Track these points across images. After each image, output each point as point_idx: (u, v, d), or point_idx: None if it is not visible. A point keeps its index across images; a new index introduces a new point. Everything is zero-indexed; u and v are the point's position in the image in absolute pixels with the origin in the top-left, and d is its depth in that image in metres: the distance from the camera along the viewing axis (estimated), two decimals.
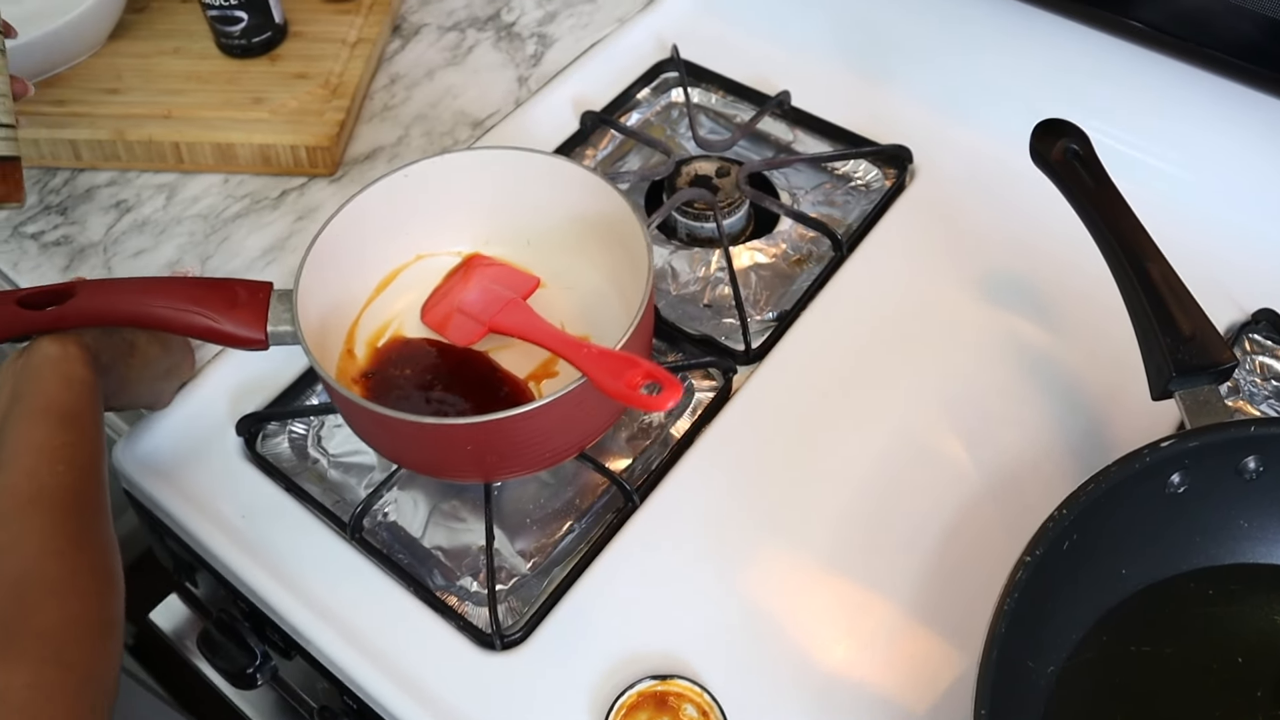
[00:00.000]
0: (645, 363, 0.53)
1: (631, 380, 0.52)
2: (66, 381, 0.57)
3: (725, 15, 0.93)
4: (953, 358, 0.72)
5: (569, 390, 0.56)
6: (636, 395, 0.51)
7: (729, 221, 0.79)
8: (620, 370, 0.53)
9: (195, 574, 0.76)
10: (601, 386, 0.53)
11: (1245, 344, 0.71)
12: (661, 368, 0.52)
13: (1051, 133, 0.65)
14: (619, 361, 0.54)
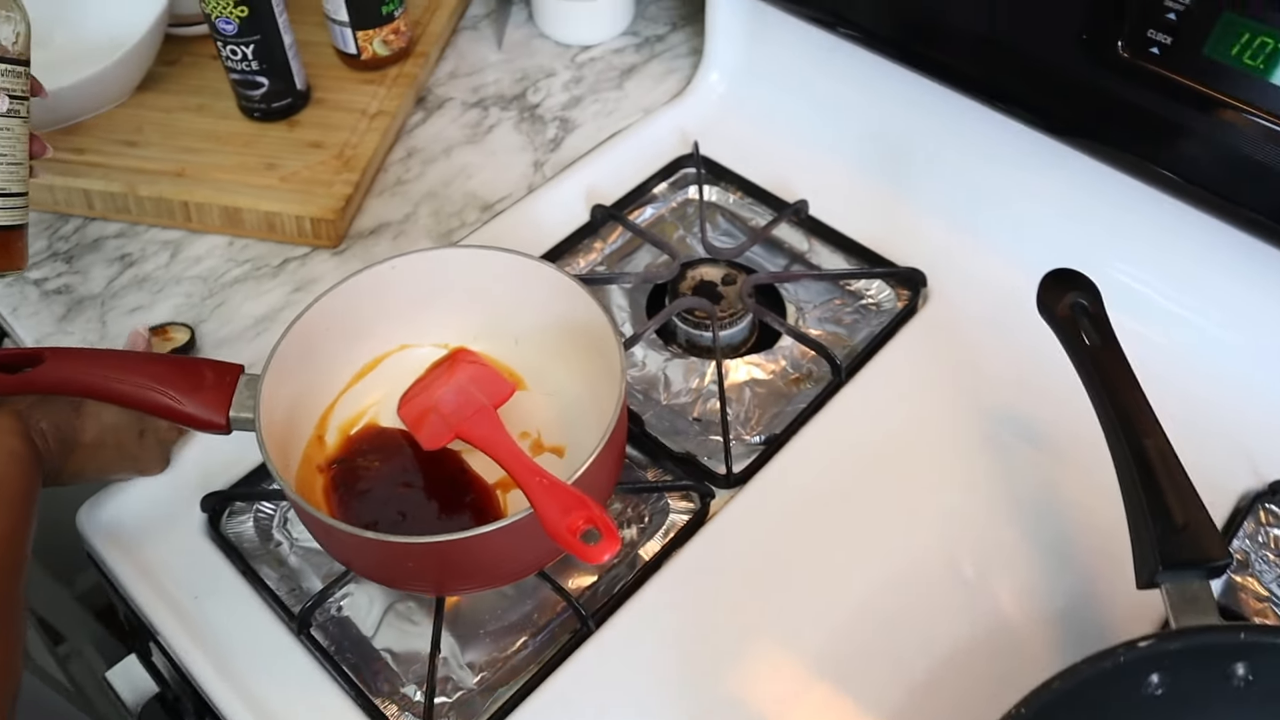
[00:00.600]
0: (593, 507, 0.50)
1: (574, 523, 0.50)
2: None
3: (751, 116, 0.92)
4: (948, 495, 0.68)
5: (520, 518, 0.54)
6: (574, 540, 0.49)
7: (727, 333, 0.77)
8: (566, 508, 0.51)
9: (147, 642, 0.74)
10: (545, 521, 0.51)
11: (1260, 515, 0.67)
12: (607, 517, 0.49)
13: (1060, 284, 0.62)
14: (568, 499, 0.51)
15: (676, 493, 0.69)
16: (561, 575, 0.65)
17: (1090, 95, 0.67)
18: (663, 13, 1.03)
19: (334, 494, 0.65)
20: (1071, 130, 0.70)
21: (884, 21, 0.77)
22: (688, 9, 1.03)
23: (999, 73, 0.72)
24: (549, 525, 0.51)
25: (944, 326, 0.77)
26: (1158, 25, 0.63)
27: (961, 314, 0.78)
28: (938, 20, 0.73)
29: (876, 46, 0.78)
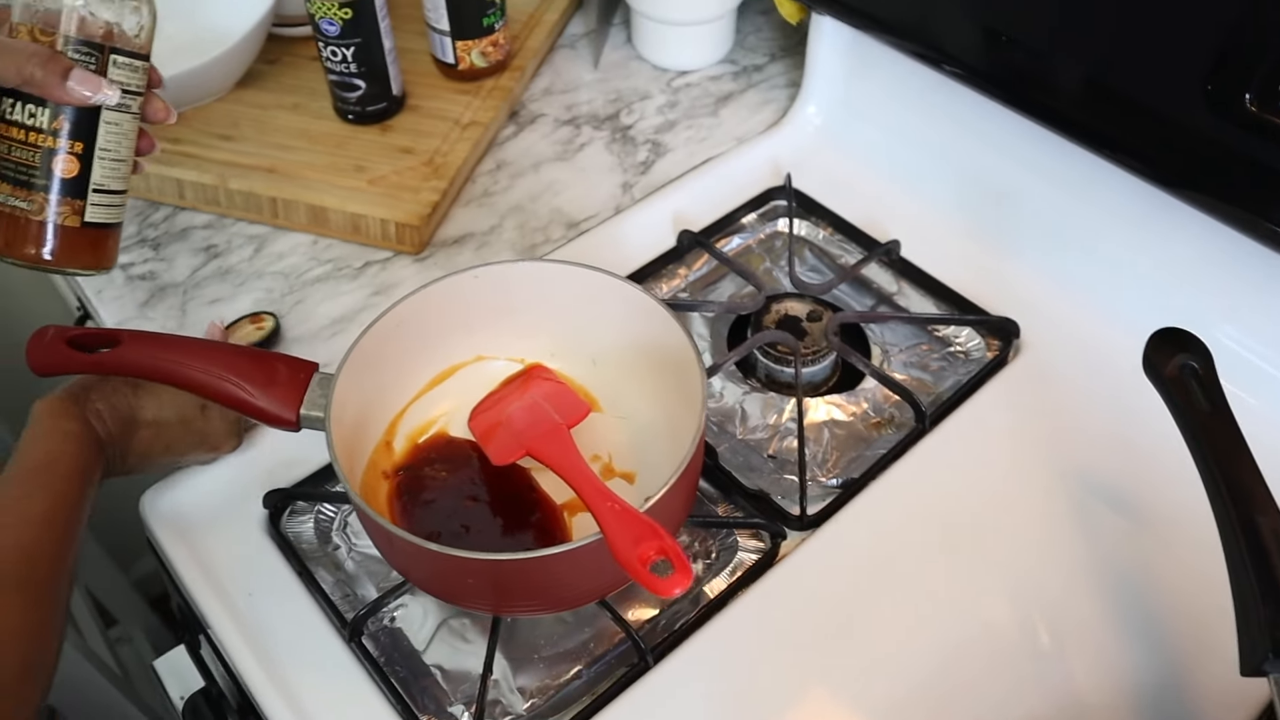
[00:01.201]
0: (666, 537, 0.48)
1: (645, 553, 0.47)
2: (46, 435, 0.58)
3: (846, 151, 0.90)
4: (1028, 559, 0.65)
5: (588, 542, 0.52)
6: (644, 571, 0.47)
7: (809, 370, 0.75)
8: (640, 537, 0.48)
9: (198, 635, 0.73)
10: (614, 548, 0.49)
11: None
12: (679, 549, 0.47)
13: (1170, 343, 0.59)
14: (640, 527, 0.49)
15: (747, 530, 0.66)
16: (622, 605, 0.63)
17: (1210, 147, 0.64)
18: (762, 43, 1.02)
19: (398, 501, 0.64)
20: (1185, 183, 0.67)
21: (990, 60, 0.74)
22: (788, 41, 1.02)
23: (1110, 119, 0.69)
24: (619, 553, 0.49)
25: (1035, 381, 0.74)
26: None
27: (1054, 370, 0.75)
28: (1048, 61, 0.71)
29: (981, 86, 0.76)
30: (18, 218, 0.57)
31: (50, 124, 0.56)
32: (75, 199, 0.58)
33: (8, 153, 0.57)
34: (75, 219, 0.58)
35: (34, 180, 0.57)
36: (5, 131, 0.56)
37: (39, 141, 0.56)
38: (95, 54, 0.56)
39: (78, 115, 0.57)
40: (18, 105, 0.56)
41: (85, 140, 0.57)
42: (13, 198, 0.57)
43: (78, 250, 0.59)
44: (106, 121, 0.58)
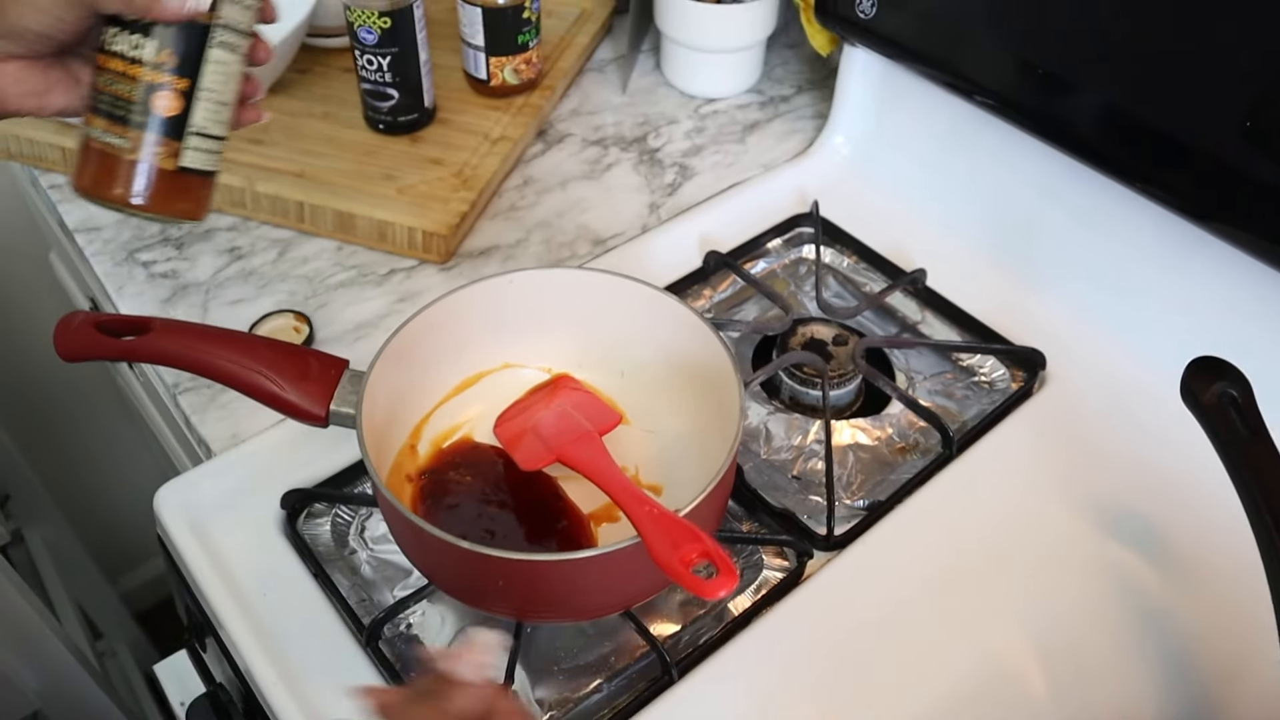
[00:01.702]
0: (708, 540, 0.47)
1: (687, 555, 0.47)
2: None
3: (872, 181, 0.90)
4: (1054, 590, 0.64)
5: (623, 546, 0.51)
6: (687, 574, 0.46)
7: (836, 393, 0.74)
8: (679, 541, 0.48)
9: (205, 639, 0.72)
10: (654, 553, 0.48)
11: None
12: (724, 552, 0.46)
13: (1208, 371, 0.59)
14: (680, 531, 0.48)
15: (773, 549, 0.66)
16: (645, 619, 0.62)
17: (1246, 183, 0.65)
18: (789, 75, 1.03)
19: (421, 505, 0.63)
20: (1219, 217, 0.67)
21: (1023, 91, 0.75)
22: (814, 75, 1.03)
23: (1144, 152, 0.69)
24: (660, 557, 0.48)
25: (1061, 413, 0.74)
26: None
27: (1081, 402, 0.74)
28: (1081, 93, 0.71)
29: (1012, 117, 0.76)
30: (110, 155, 0.53)
31: (155, 56, 0.52)
32: (173, 139, 0.54)
33: (106, 85, 0.53)
34: (171, 161, 0.54)
35: (131, 116, 0.53)
36: (105, 63, 0.53)
37: (140, 75, 0.52)
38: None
39: (184, 49, 0.53)
40: (121, 35, 0.52)
41: (190, 77, 0.53)
42: (108, 133, 0.53)
43: (171, 196, 0.55)
44: (213, 60, 0.54)
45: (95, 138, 0.54)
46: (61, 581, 1.31)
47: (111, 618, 1.47)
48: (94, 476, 1.48)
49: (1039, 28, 0.73)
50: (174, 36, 0.52)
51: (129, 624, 1.52)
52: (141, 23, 0.52)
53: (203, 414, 0.72)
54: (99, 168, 0.54)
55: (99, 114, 0.53)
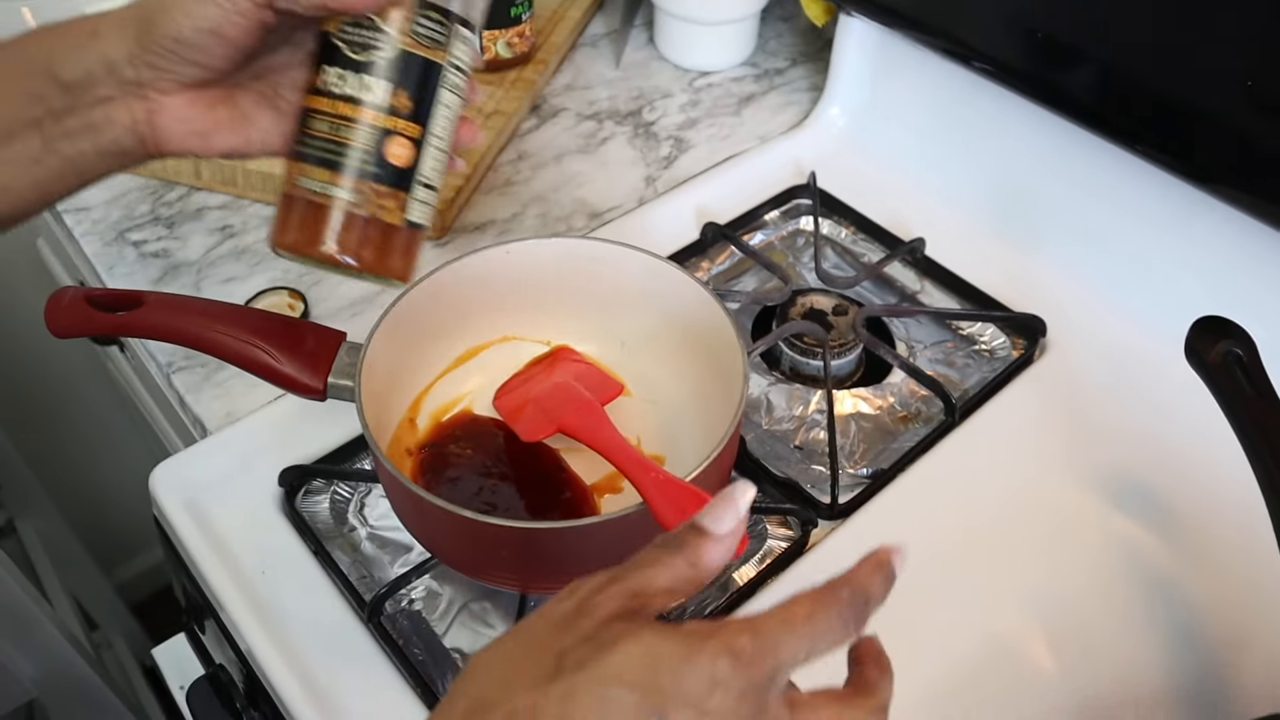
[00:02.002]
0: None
1: None
2: None
3: (869, 152, 0.90)
4: (1058, 558, 0.64)
5: (629, 513, 0.50)
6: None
7: (838, 363, 0.74)
8: (686, 505, 0.47)
9: (204, 620, 0.71)
10: (660, 518, 0.47)
11: None
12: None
13: (1212, 331, 0.58)
14: (686, 495, 0.48)
15: (776, 518, 0.65)
16: None
17: (1248, 144, 0.64)
18: (784, 48, 1.02)
19: (421, 478, 0.62)
20: (1220, 178, 0.67)
21: (1022, 56, 0.74)
22: (809, 47, 1.02)
23: (1143, 114, 0.69)
24: (666, 523, 0.47)
25: (1062, 380, 0.74)
26: None
27: (1082, 369, 0.74)
28: (1081, 56, 0.71)
29: (1011, 82, 0.76)
30: (327, 208, 0.48)
31: (387, 99, 0.47)
32: (401, 190, 0.49)
33: (326, 131, 0.48)
34: (398, 215, 0.49)
35: (357, 165, 0.48)
36: (323, 105, 0.48)
37: (370, 119, 0.47)
38: (442, 22, 0.48)
39: (419, 91, 0.48)
40: (349, 77, 0.47)
41: (422, 122, 0.48)
42: (327, 185, 0.48)
43: (391, 253, 0.50)
44: (443, 103, 0.49)
45: (308, 189, 0.48)
46: (56, 573, 1.30)
47: (107, 609, 1.46)
48: (87, 467, 1.47)
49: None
50: (408, 77, 0.47)
51: (125, 615, 1.51)
52: (368, 62, 0.47)
53: (197, 393, 0.71)
54: (312, 222, 0.48)
55: (313, 162, 0.48)
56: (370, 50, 0.47)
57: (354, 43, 0.47)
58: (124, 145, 0.48)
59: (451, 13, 0.48)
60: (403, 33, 0.47)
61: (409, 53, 0.47)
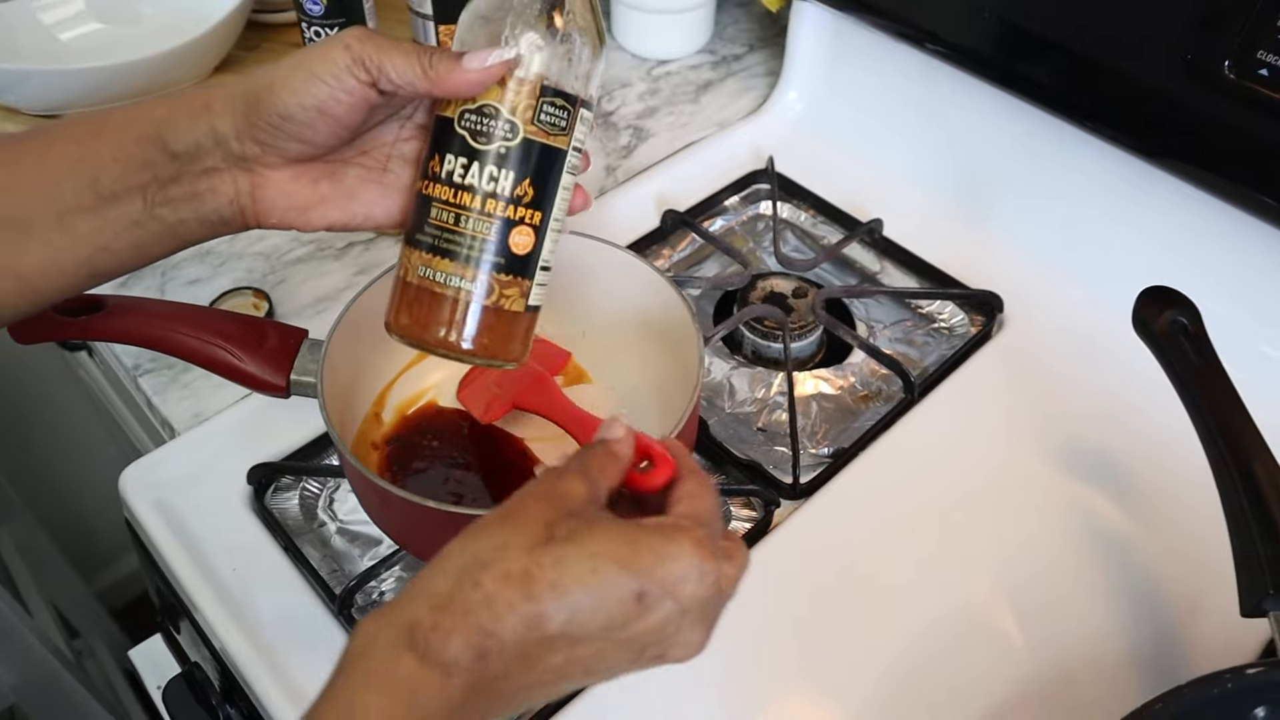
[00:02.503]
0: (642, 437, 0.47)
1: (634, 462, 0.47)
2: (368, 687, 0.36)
3: (826, 135, 0.91)
4: (1019, 527, 0.65)
5: None
6: (636, 478, 0.44)
7: (798, 345, 0.75)
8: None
9: (179, 620, 0.72)
10: None
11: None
12: (654, 442, 0.46)
13: (1158, 301, 0.60)
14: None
15: (740, 499, 0.66)
16: None
17: (1191, 117, 0.66)
18: (741, 34, 1.03)
19: (388, 472, 0.63)
20: (1168, 153, 0.68)
21: (973, 36, 0.75)
22: (766, 33, 1.03)
23: (1092, 91, 0.70)
24: None
25: (1019, 354, 0.75)
26: (1269, 46, 0.61)
27: (1039, 343, 0.75)
28: (1028, 35, 0.72)
29: (962, 62, 0.77)
30: (449, 298, 0.47)
31: (514, 190, 0.46)
32: (524, 278, 0.48)
33: (453, 223, 0.47)
34: (520, 302, 0.48)
35: (483, 257, 0.47)
36: (452, 197, 0.47)
37: (496, 211, 0.47)
38: (569, 108, 0.47)
39: (543, 180, 0.47)
40: (475, 167, 0.46)
41: (543, 210, 0.48)
42: (450, 276, 0.47)
43: (510, 338, 0.49)
44: (563, 187, 0.48)
45: (430, 279, 0.47)
46: (34, 581, 1.30)
47: (88, 616, 1.46)
48: (62, 474, 1.46)
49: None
50: (532, 166, 0.47)
51: (106, 622, 1.51)
52: (491, 151, 0.46)
53: (164, 394, 0.72)
54: (433, 311, 0.48)
55: (434, 252, 0.47)
56: (494, 139, 0.46)
57: (476, 131, 0.46)
58: (224, 216, 0.49)
59: (577, 98, 0.47)
60: (527, 121, 0.46)
61: (533, 141, 0.46)
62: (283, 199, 0.49)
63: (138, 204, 0.47)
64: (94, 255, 0.48)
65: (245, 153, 0.47)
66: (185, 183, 0.47)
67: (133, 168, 0.46)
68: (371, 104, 0.46)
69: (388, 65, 0.45)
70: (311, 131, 0.46)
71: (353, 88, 0.45)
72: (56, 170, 0.47)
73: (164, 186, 0.47)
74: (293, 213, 0.49)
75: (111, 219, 0.47)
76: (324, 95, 0.45)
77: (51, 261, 0.47)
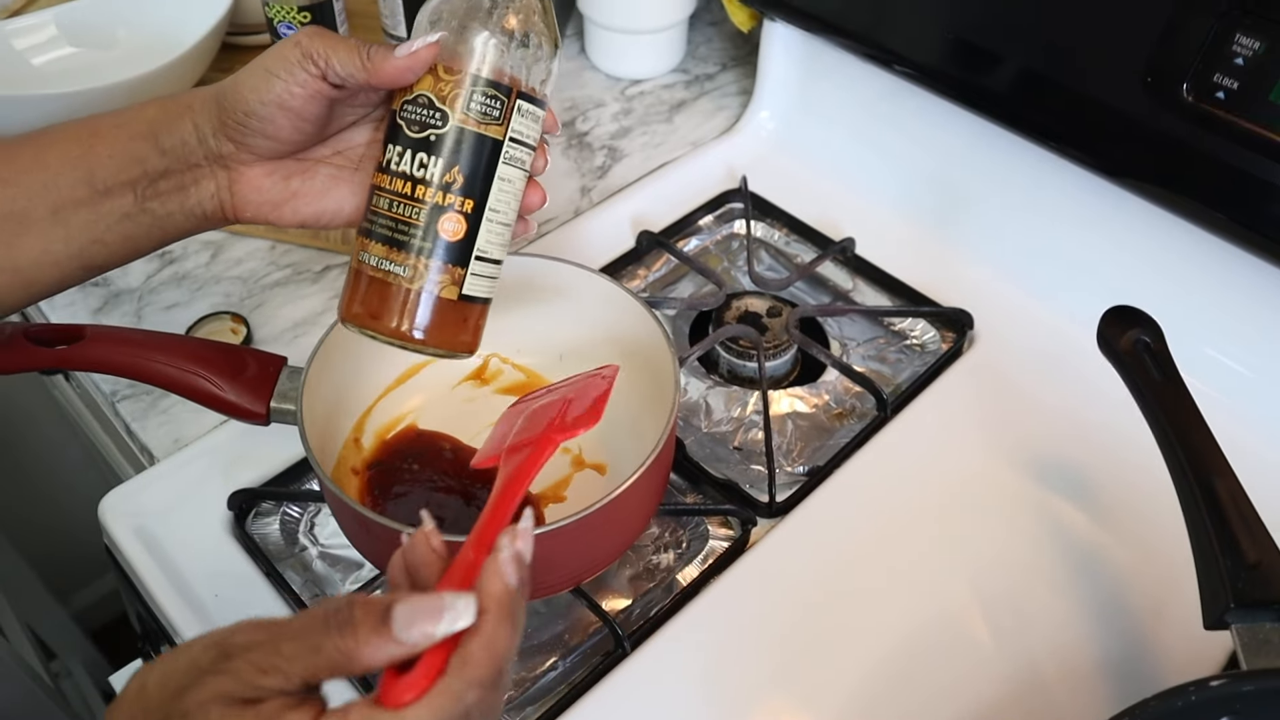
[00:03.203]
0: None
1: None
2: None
3: (799, 155, 0.92)
4: (991, 540, 0.66)
5: (567, 523, 0.52)
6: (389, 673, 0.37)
7: (772, 364, 0.76)
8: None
9: (160, 646, 0.72)
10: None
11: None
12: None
13: (1122, 320, 0.61)
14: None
15: (716, 519, 0.67)
16: (597, 595, 0.63)
17: (1151, 139, 0.67)
18: (713, 53, 1.04)
19: (369, 496, 0.64)
20: (1129, 173, 0.70)
21: (938, 58, 0.77)
22: (738, 51, 1.04)
23: (1056, 112, 0.72)
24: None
25: (990, 370, 0.76)
26: (1225, 70, 0.62)
27: (1009, 359, 0.77)
28: (994, 57, 0.73)
29: (930, 84, 0.78)
30: (388, 284, 0.49)
31: (442, 177, 0.48)
32: (457, 266, 0.50)
33: (386, 208, 0.49)
34: (453, 290, 0.50)
35: (413, 242, 0.49)
36: (386, 183, 0.49)
37: (425, 196, 0.49)
38: (502, 98, 0.49)
39: (474, 167, 0.49)
40: (407, 155, 0.49)
41: (476, 198, 0.49)
42: (385, 261, 0.49)
43: (450, 328, 0.51)
44: (501, 177, 0.50)
45: (370, 264, 0.50)
46: (9, 603, 1.29)
47: (64, 638, 1.45)
48: (36, 495, 1.45)
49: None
50: (463, 154, 0.49)
51: (83, 643, 1.50)
52: (424, 139, 0.48)
53: (143, 421, 0.72)
54: (374, 298, 0.50)
55: (376, 239, 0.50)
56: (427, 128, 0.48)
57: (413, 120, 0.49)
58: (206, 210, 0.52)
59: (512, 89, 0.49)
60: (456, 109, 0.48)
61: (463, 129, 0.48)
62: (256, 194, 0.52)
63: (129, 198, 0.51)
64: (87, 247, 0.51)
65: (222, 150, 0.51)
66: (173, 177, 0.51)
67: (127, 163, 0.50)
68: (327, 96, 0.49)
69: (334, 59, 0.48)
70: (274, 127, 0.50)
71: (305, 80, 0.48)
72: (56, 165, 0.50)
73: (154, 181, 0.51)
74: (266, 207, 0.53)
75: (104, 212, 0.50)
76: (280, 90, 0.48)
77: (46, 254, 0.50)
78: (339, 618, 0.35)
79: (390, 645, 0.35)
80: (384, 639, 0.35)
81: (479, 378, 0.70)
